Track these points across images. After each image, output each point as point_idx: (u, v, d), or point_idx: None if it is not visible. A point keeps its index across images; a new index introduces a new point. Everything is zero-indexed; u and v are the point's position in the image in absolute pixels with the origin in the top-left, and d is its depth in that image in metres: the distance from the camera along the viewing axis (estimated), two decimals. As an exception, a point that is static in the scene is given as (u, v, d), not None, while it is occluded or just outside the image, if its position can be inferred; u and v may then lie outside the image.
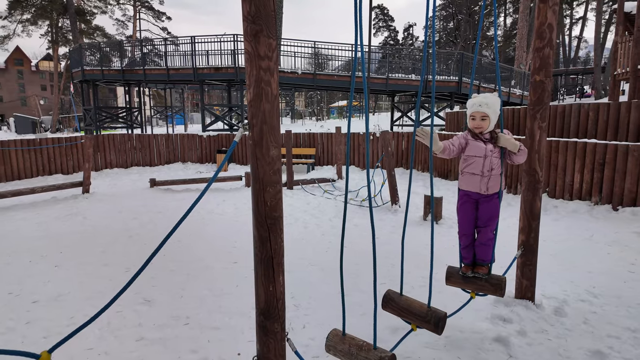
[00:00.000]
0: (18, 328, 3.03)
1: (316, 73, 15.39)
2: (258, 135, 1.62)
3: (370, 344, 2.03)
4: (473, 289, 2.80)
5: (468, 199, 2.74)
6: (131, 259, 4.52)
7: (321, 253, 4.66)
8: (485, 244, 2.74)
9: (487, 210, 2.70)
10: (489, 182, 2.62)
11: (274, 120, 1.64)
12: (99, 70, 17.00)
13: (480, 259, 2.77)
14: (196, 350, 2.72)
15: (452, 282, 2.88)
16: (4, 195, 7.08)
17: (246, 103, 7.73)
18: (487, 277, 2.73)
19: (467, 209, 2.76)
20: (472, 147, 2.64)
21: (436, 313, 2.28)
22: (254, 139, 1.63)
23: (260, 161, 1.64)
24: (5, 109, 60.19)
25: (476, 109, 2.59)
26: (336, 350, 2.11)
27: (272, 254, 1.71)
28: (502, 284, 2.70)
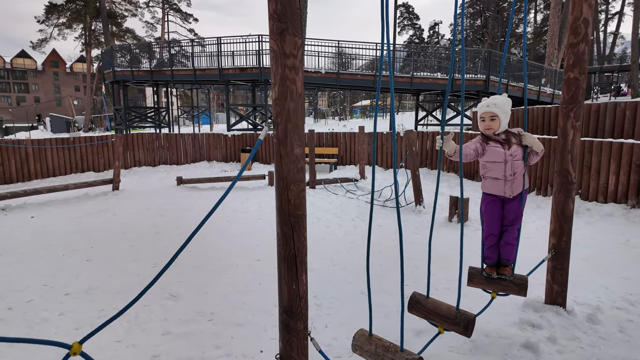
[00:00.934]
0: (52, 319, 3.15)
1: (340, 72, 15.35)
2: (282, 134, 1.62)
3: (397, 345, 2.00)
4: (497, 289, 2.73)
5: (494, 199, 2.74)
6: (158, 254, 4.63)
7: (343, 253, 4.64)
8: (510, 244, 2.72)
9: (512, 210, 2.68)
10: (513, 185, 2.62)
11: (299, 119, 1.64)
12: (129, 71, 17.54)
13: (505, 258, 2.75)
14: (220, 346, 2.76)
15: (474, 282, 2.83)
16: (39, 191, 7.41)
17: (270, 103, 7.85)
18: (511, 278, 2.69)
19: (494, 209, 2.75)
20: (491, 153, 2.63)
21: (466, 315, 2.23)
22: (278, 138, 1.64)
23: (285, 159, 1.64)
24: (42, 109, 63.01)
25: (484, 110, 2.59)
26: (362, 350, 2.09)
27: (295, 252, 1.71)
28: (526, 284, 2.67)
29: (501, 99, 2.59)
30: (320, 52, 15.38)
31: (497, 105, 2.56)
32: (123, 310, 1.53)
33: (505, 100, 2.59)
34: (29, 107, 61.19)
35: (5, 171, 9.55)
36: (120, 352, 2.69)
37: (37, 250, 4.80)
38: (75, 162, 11.02)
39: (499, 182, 2.64)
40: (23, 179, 9.87)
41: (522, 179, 2.61)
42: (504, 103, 2.58)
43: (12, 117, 54.90)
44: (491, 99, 2.61)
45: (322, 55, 15.42)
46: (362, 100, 57.56)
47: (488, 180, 2.72)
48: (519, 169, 2.59)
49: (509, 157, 2.57)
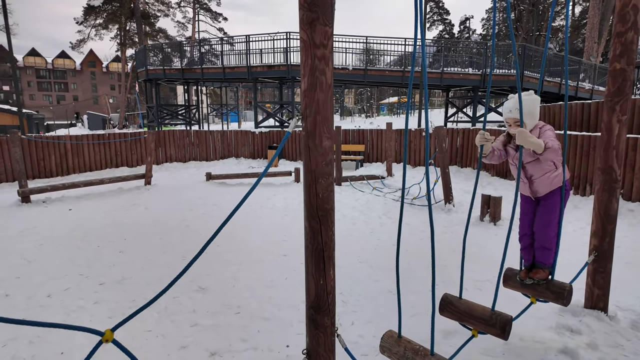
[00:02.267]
0: (87, 307, 3.27)
1: (367, 69, 15.19)
2: (311, 126, 1.60)
3: (427, 349, 1.94)
4: (532, 294, 2.61)
5: (526, 198, 2.67)
6: (187, 247, 4.73)
7: (369, 250, 4.58)
8: (545, 247, 2.56)
9: (543, 212, 2.55)
10: (533, 187, 2.53)
11: (328, 111, 1.60)
12: (161, 69, 18.04)
13: (539, 261, 2.61)
14: (246, 339, 2.78)
15: (509, 285, 2.72)
16: (77, 185, 7.74)
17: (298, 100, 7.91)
18: (544, 282, 2.54)
19: (525, 209, 2.68)
20: (510, 154, 2.59)
21: (502, 316, 2.13)
22: (306, 130, 1.61)
23: (313, 152, 1.61)
24: (80, 107, 65.88)
25: (507, 115, 2.47)
26: (391, 352, 2.04)
27: (322, 247, 1.68)
28: (565, 293, 2.44)
29: (528, 99, 2.42)
30: (348, 49, 15.28)
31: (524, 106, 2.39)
32: (153, 300, 1.54)
33: (528, 101, 2.40)
34: (68, 105, 64.19)
35: (46, 166, 10.03)
36: (150, 341, 2.76)
37: (74, 241, 5.00)
38: (110, 158, 11.44)
39: (523, 183, 2.58)
40: (62, 173, 10.34)
41: (549, 179, 2.47)
42: (527, 105, 2.38)
43: (52, 114, 57.75)
44: (513, 101, 2.42)
45: (350, 51, 15.31)
46: (389, 97, 56.87)
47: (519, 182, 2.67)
48: (537, 171, 2.48)
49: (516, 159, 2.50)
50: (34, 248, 4.77)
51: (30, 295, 3.47)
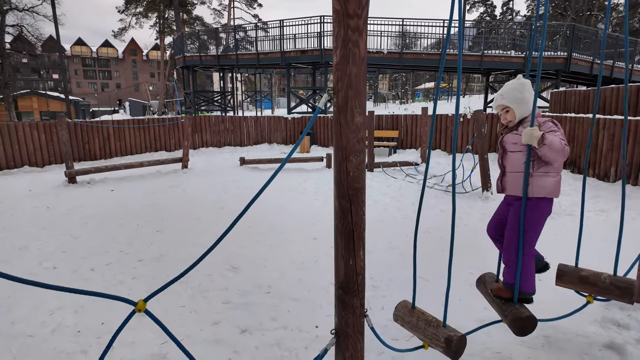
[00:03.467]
0: (126, 281, 3.42)
1: (403, 52, 14.77)
2: (343, 101, 1.54)
3: (440, 320, 1.93)
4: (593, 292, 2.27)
5: (504, 201, 2.36)
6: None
7: (401, 236, 4.49)
8: (505, 262, 2.22)
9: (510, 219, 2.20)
10: (503, 179, 2.25)
11: (360, 85, 1.54)
12: (197, 56, 18.38)
13: (503, 277, 2.27)
14: (276, 318, 2.81)
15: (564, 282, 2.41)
16: (118, 167, 8.09)
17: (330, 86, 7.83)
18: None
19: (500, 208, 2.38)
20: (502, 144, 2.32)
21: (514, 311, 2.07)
22: (338, 105, 1.55)
23: (344, 128, 1.56)
24: (122, 94, 68.73)
25: (496, 104, 2.27)
26: (404, 321, 2.08)
27: (352, 227, 1.64)
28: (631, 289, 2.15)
29: (510, 86, 2.21)
30: (383, 32, 14.89)
31: (504, 96, 2.20)
32: (182, 274, 1.57)
33: (514, 86, 2.18)
34: (111, 93, 67.09)
35: (90, 149, 10.55)
36: (183, 316, 2.85)
37: (116, 220, 5.24)
38: (150, 142, 11.87)
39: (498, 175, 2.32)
40: (105, 156, 10.85)
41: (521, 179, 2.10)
42: (513, 90, 2.18)
43: (97, 102, 60.65)
44: (502, 88, 2.27)
45: (385, 34, 14.92)
46: (425, 82, 55.24)
47: None
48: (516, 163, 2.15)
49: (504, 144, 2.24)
50: (79, 225, 5.04)
51: (76, 269, 3.67)
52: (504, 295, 2.19)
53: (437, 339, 1.92)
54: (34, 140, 9.48)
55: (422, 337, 2.01)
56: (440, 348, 1.90)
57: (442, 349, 1.90)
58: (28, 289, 3.22)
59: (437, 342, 1.92)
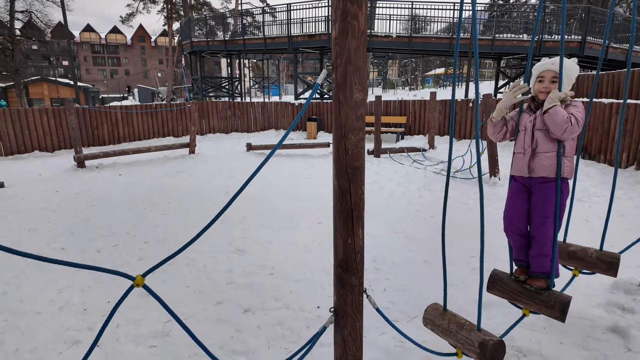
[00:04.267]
0: (132, 262, 3.47)
1: (412, 36, 14.49)
2: (341, 77, 1.51)
3: (473, 323, 1.87)
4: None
5: (517, 184, 2.16)
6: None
7: (406, 221, 4.47)
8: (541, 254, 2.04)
9: (539, 202, 2.04)
10: (533, 161, 2.04)
11: (360, 60, 1.51)
12: (204, 41, 18.27)
13: (536, 271, 2.07)
14: (279, 298, 2.83)
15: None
16: (126, 152, 8.15)
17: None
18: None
19: (516, 200, 2.15)
20: (521, 120, 2.13)
21: (561, 297, 1.95)
22: (336, 81, 1.53)
23: (343, 105, 1.53)
24: (131, 81, 68.86)
25: (547, 67, 2.05)
26: (434, 324, 1.98)
27: (351, 206, 1.62)
28: (616, 262, 2.26)
29: (569, 62, 2.07)
30: (392, 16, 14.61)
31: (564, 67, 1.99)
32: (179, 251, 1.57)
33: (572, 66, 2.07)
34: (120, 79, 67.30)
35: (99, 134, 10.64)
36: (188, 295, 2.89)
37: (123, 203, 5.30)
38: (158, 128, 11.92)
39: (519, 157, 2.11)
40: (113, 142, 10.93)
41: (553, 158, 1.98)
42: (571, 67, 2.05)
43: (106, 88, 60.91)
44: (555, 58, 2.05)
45: (394, 18, 14.64)
46: (435, 68, 54.35)
47: (514, 157, 2.19)
48: (544, 141, 2.00)
49: (528, 123, 2.07)
50: (88, 208, 5.11)
51: (83, 250, 3.74)
52: (542, 285, 2.03)
53: (470, 343, 1.79)
54: (44, 126, 9.58)
55: (454, 343, 1.89)
56: (474, 354, 1.77)
57: (475, 355, 1.76)
58: (37, 269, 3.29)
59: (471, 347, 1.78)
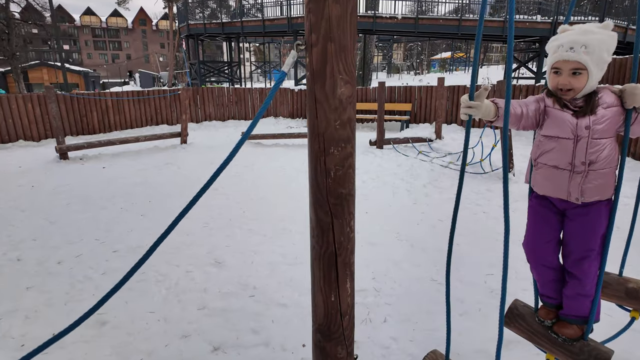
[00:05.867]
0: (94, 277, 3.01)
1: (418, 17, 13.73)
2: (318, 61, 0.99)
3: None
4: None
5: (547, 205, 1.57)
6: (211, 213, 4.39)
7: (411, 225, 3.97)
8: (582, 294, 1.53)
9: (580, 230, 1.49)
10: (586, 183, 1.43)
11: (347, 36, 0.98)
12: (202, 24, 17.55)
13: (570, 314, 1.57)
14: (258, 330, 2.36)
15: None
16: (113, 142, 7.66)
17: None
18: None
19: (545, 226, 1.58)
20: (554, 120, 1.46)
21: (598, 353, 1.47)
22: (311, 68, 1.01)
23: (321, 105, 1.02)
24: (133, 66, 67.99)
25: (565, 55, 1.38)
26: None
27: (335, 249, 1.13)
28: None
29: (596, 36, 1.35)
30: (398, -4, 13.85)
31: (587, 48, 1.34)
32: (124, 281, 1.09)
33: (605, 38, 1.35)
34: (121, 64, 66.46)
35: (88, 122, 10.14)
36: (150, 325, 2.42)
37: (100, 201, 4.83)
38: (151, 115, 11.39)
39: (559, 174, 1.47)
40: (104, 130, 10.44)
41: (609, 175, 1.43)
42: (602, 43, 1.35)
43: (108, 73, 60.16)
44: (575, 33, 1.39)
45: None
46: (441, 52, 53.02)
47: (542, 170, 1.53)
48: (601, 152, 1.39)
49: (582, 130, 1.39)
50: (61, 207, 4.65)
51: (42, 261, 3.28)
52: (574, 334, 1.54)
53: None
54: (29, 114, 9.08)
55: None
56: None
57: None
58: (-19, 287, 2.83)
59: None
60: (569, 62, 1.37)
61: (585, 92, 1.41)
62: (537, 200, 1.61)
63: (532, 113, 1.48)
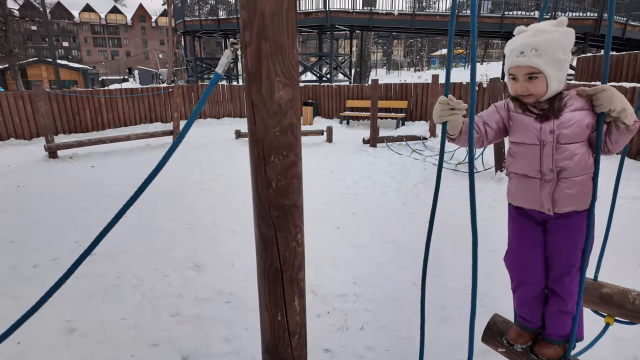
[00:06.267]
0: (68, 282, 2.84)
1: (415, 13, 13.59)
2: (253, 62, 0.90)
3: None
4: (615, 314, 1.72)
5: (526, 218, 1.47)
6: (195, 214, 4.31)
7: (398, 226, 3.89)
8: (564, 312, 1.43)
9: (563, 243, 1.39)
10: (558, 191, 1.33)
11: (282, 33, 0.89)
12: (198, 21, 17.42)
13: (553, 334, 1.47)
14: (229, 339, 2.28)
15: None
16: (103, 141, 7.57)
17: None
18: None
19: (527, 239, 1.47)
20: (518, 126, 1.38)
21: None
22: (247, 69, 0.92)
23: (258, 109, 0.93)
24: (132, 63, 67.78)
25: (516, 61, 1.29)
26: None
27: (280, 265, 1.04)
28: None
29: (549, 33, 1.25)
30: (395, -8, 13.69)
31: (539, 50, 1.24)
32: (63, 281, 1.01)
33: (558, 37, 1.25)
34: (120, 61, 66.25)
35: (81, 120, 10.05)
36: (120, 333, 2.34)
37: (84, 202, 4.75)
38: (145, 113, 11.30)
39: (529, 183, 1.38)
40: (97, 128, 10.35)
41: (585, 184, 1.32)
42: (555, 41, 1.24)
43: (107, 70, 60.02)
44: (527, 35, 1.29)
45: (397, -6, 13.72)
46: (441, 49, 52.75)
47: (514, 179, 1.46)
48: (571, 159, 1.29)
49: (547, 135, 1.30)
50: (44, 207, 4.57)
51: (17, 264, 3.20)
52: (556, 355, 1.44)
53: None
54: (20, 112, 8.99)
55: None
56: None
57: None
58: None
59: None
60: (521, 68, 1.29)
61: (549, 95, 1.31)
62: (516, 212, 1.51)
63: (492, 132, 1.42)
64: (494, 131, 1.42)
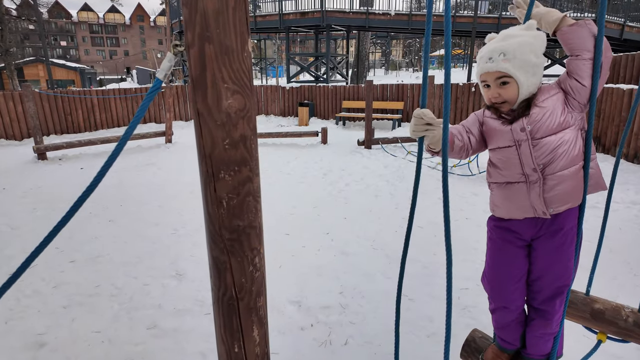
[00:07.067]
0: (44, 292, 2.82)
1: (412, 14, 13.48)
2: (197, 66, 0.80)
3: None
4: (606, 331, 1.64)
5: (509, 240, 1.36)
6: (182, 218, 4.20)
7: (389, 233, 3.79)
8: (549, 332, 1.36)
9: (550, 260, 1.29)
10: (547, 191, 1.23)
11: (229, 36, 0.79)
12: (194, 20, 17.26)
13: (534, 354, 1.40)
14: (206, 354, 2.17)
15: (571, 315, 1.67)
16: (93, 142, 7.45)
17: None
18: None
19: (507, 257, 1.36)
20: (491, 131, 1.31)
21: None
22: (191, 74, 0.81)
23: (205, 120, 0.82)
24: (130, 62, 67.58)
25: (485, 67, 1.24)
26: None
27: (235, 293, 0.93)
28: None
29: (519, 37, 1.20)
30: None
31: (508, 55, 1.19)
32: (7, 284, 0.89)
33: (528, 40, 1.20)
34: (119, 60, 66.05)
35: (73, 120, 9.92)
36: (92, 348, 2.23)
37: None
38: (138, 113, 11.17)
39: (514, 189, 1.29)
40: (90, 129, 10.22)
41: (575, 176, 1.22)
42: (525, 45, 1.19)
43: (105, 69, 59.80)
44: (496, 42, 1.24)
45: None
46: (440, 49, 52.70)
47: (496, 190, 1.36)
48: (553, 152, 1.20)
49: (519, 134, 1.23)
50: (27, 212, 4.46)
51: (-8, 272, 3.09)
52: None
53: None
54: (10, 112, 8.86)
55: None
56: None
57: None
58: None
59: None
60: (491, 74, 1.24)
61: (522, 98, 1.25)
62: (497, 232, 1.39)
63: (475, 140, 1.35)
64: (477, 139, 1.35)
